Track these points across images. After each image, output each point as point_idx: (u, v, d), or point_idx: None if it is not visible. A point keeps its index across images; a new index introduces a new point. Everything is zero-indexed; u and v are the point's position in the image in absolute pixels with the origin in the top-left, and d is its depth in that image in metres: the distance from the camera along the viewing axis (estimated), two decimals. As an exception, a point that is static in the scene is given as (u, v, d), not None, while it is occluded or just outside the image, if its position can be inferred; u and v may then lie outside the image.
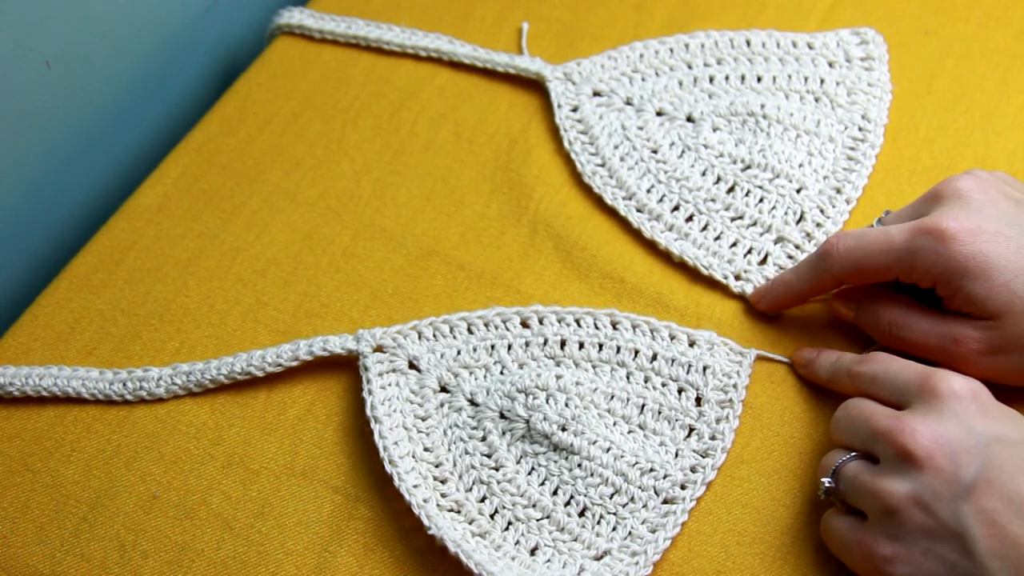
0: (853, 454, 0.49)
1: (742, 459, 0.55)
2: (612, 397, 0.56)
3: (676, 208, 0.64)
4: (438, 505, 0.53)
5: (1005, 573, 0.43)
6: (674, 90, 0.69)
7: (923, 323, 0.53)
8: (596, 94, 0.70)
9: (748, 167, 0.64)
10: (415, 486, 0.53)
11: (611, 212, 0.65)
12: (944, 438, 0.45)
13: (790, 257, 0.61)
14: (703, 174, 0.65)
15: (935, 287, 0.52)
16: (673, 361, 0.57)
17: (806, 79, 0.68)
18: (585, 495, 0.53)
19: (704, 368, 0.56)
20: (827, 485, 0.49)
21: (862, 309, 0.56)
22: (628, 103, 0.69)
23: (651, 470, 0.53)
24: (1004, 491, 0.44)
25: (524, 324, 0.58)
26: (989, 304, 0.50)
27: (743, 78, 0.69)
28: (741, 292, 0.60)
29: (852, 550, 0.48)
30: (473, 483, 0.54)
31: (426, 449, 0.55)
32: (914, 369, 0.50)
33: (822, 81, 0.68)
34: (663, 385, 0.56)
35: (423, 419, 0.56)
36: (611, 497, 0.53)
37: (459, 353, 0.57)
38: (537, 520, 0.52)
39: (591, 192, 0.66)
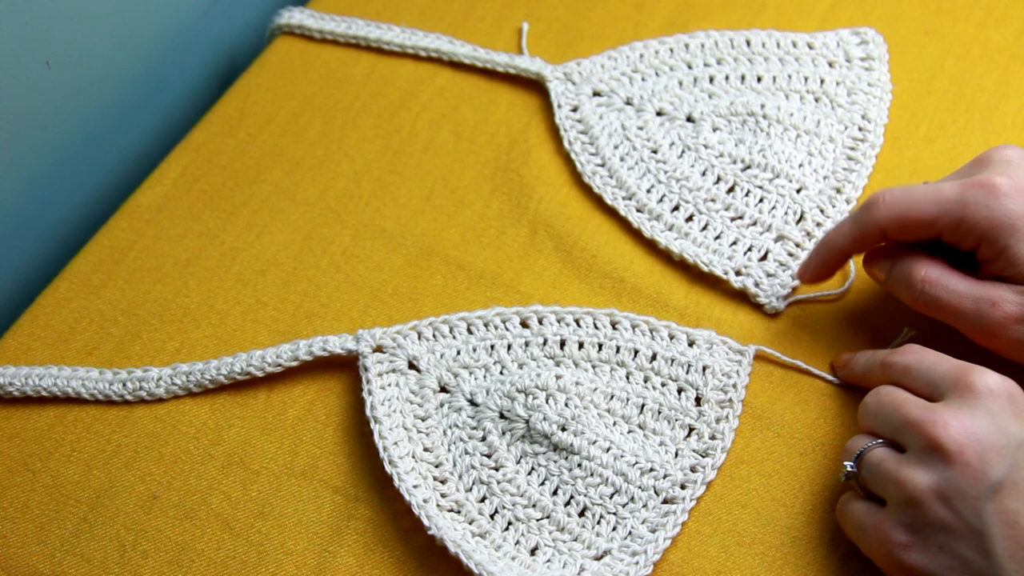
0: (879, 441, 0.49)
1: (742, 459, 0.55)
2: (612, 397, 0.56)
3: (676, 208, 0.64)
4: (438, 505, 0.53)
5: (1021, 575, 0.43)
6: (674, 90, 0.69)
7: (959, 283, 0.51)
8: (596, 94, 0.70)
9: (748, 167, 0.64)
10: (415, 486, 0.53)
11: (611, 212, 0.65)
12: (976, 435, 0.45)
13: (790, 255, 0.61)
14: (703, 174, 0.65)
15: (978, 247, 0.51)
16: (672, 361, 0.57)
17: (806, 79, 0.68)
18: (585, 495, 0.53)
19: (704, 368, 0.56)
20: (849, 469, 0.49)
21: (895, 267, 0.54)
22: (628, 103, 0.69)
23: (651, 470, 0.53)
24: None
25: (524, 324, 0.58)
26: None
27: (743, 78, 0.69)
28: (742, 287, 0.60)
29: (868, 533, 0.47)
30: (473, 483, 0.54)
31: (426, 449, 0.55)
32: (950, 362, 0.49)
33: (822, 81, 0.68)
34: (663, 385, 0.56)
35: (423, 419, 0.56)
36: (611, 497, 0.53)
37: (459, 353, 0.57)
38: (537, 520, 0.52)
39: (591, 192, 0.66)
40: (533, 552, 0.52)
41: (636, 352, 0.57)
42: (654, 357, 0.57)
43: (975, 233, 0.50)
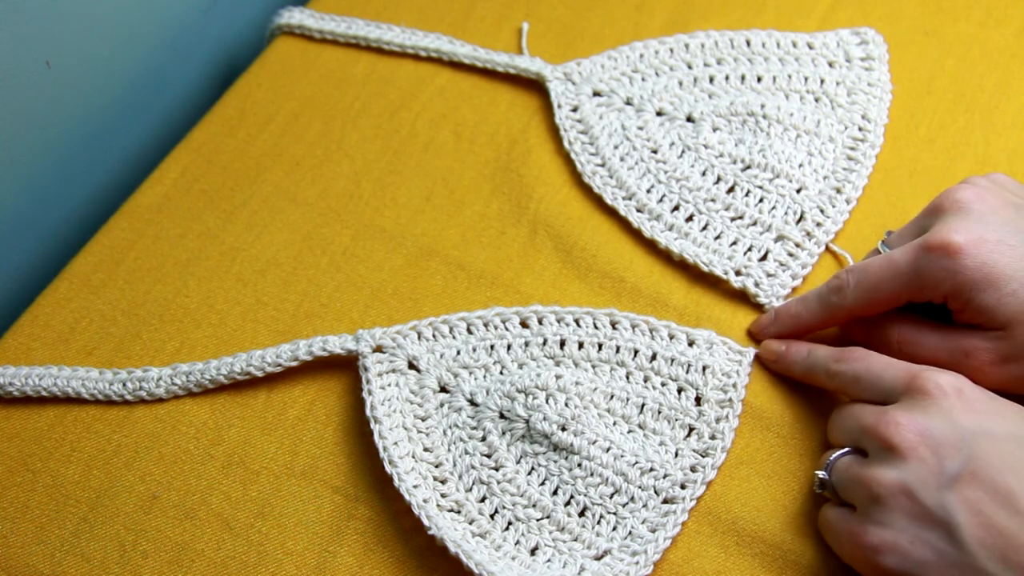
0: (846, 449, 0.50)
1: (742, 459, 0.55)
2: (612, 397, 0.56)
3: (676, 208, 0.64)
4: (438, 505, 0.53)
5: (992, 562, 0.44)
6: (674, 90, 0.69)
7: (933, 339, 0.53)
8: (596, 94, 0.70)
9: (748, 167, 0.64)
10: (415, 486, 0.53)
11: (611, 212, 0.65)
12: (928, 431, 0.46)
13: (790, 255, 0.61)
14: (703, 174, 0.65)
15: (946, 301, 0.52)
16: (672, 360, 0.57)
17: (806, 79, 0.68)
18: (585, 495, 0.53)
19: (703, 367, 0.56)
20: (821, 477, 0.51)
21: (871, 330, 0.55)
22: (628, 103, 0.69)
23: (651, 470, 0.53)
24: (989, 483, 0.44)
25: (523, 324, 0.58)
26: (998, 314, 0.50)
27: (743, 78, 0.69)
28: (742, 287, 0.60)
29: (842, 539, 0.49)
30: (473, 483, 0.54)
31: (426, 449, 0.55)
32: (897, 368, 0.50)
33: (822, 81, 0.68)
34: (663, 385, 0.56)
35: (423, 419, 0.56)
36: (611, 497, 0.53)
37: (459, 353, 0.57)
38: (537, 520, 0.52)
39: (591, 192, 0.66)
40: (533, 552, 0.52)
41: (636, 352, 0.57)
42: (654, 357, 0.57)
43: (938, 294, 0.52)
